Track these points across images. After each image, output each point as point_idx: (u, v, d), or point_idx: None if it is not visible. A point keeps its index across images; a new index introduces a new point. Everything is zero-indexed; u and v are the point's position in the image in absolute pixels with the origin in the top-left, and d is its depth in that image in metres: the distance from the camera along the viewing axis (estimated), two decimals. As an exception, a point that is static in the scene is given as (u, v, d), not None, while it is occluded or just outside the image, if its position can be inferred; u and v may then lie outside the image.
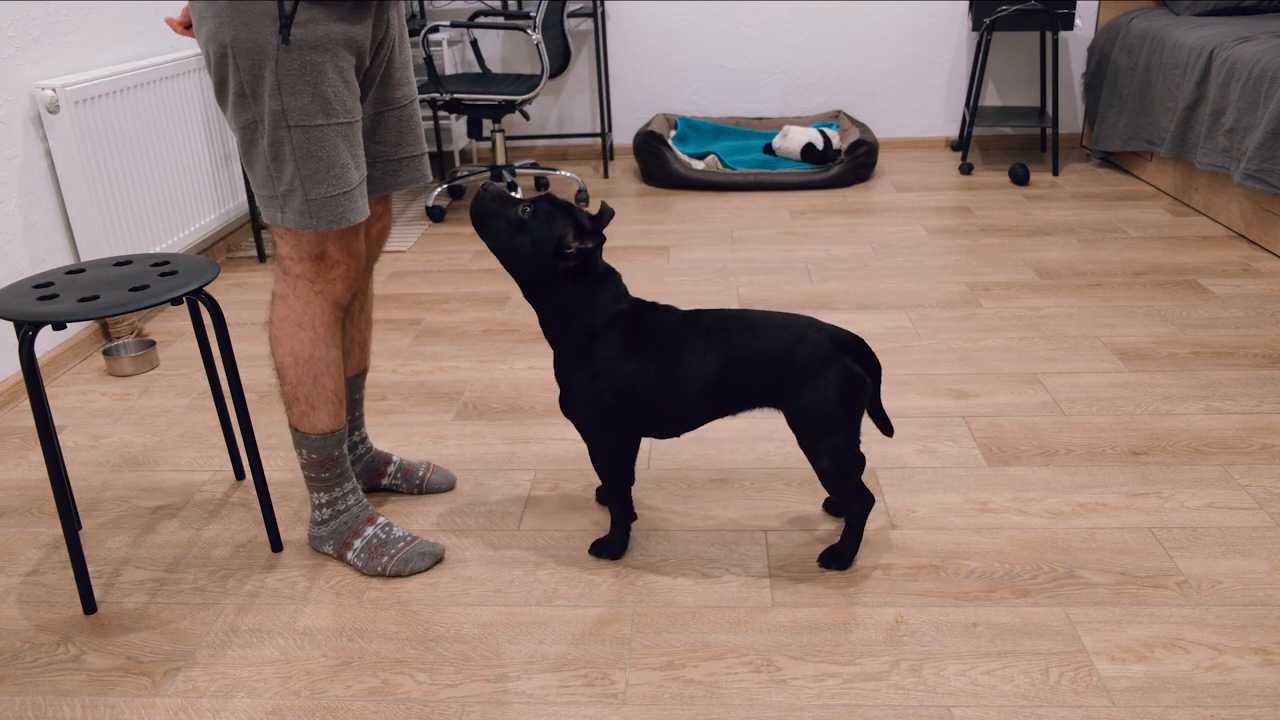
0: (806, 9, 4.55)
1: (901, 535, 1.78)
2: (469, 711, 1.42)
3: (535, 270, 1.60)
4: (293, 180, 1.49)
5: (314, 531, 1.78)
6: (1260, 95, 3.09)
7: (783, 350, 1.57)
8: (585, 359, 1.62)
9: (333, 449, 1.69)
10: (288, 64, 1.42)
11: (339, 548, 1.75)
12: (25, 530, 1.91)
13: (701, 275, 3.14)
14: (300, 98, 1.44)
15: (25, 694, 1.49)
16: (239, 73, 1.44)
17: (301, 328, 1.60)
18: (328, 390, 1.65)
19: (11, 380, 2.45)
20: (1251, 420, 2.12)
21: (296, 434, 1.68)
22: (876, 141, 4.15)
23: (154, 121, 2.95)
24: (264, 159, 1.50)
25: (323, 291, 1.60)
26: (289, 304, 1.60)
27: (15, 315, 1.50)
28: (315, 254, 1.57)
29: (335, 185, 1.51)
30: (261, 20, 1.40)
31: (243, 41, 1.41)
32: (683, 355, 1.60)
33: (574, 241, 1.57)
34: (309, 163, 1.48)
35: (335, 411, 1.67)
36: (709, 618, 1.59)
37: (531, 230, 1.58)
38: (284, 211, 1.53)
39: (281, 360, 1.63)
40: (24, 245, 2.52)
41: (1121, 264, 3.09)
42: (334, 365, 1.64)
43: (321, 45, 1.43)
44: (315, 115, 1.46)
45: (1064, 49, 4.54)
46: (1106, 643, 1.50)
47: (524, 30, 3.65)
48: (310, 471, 1.71)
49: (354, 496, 1.76)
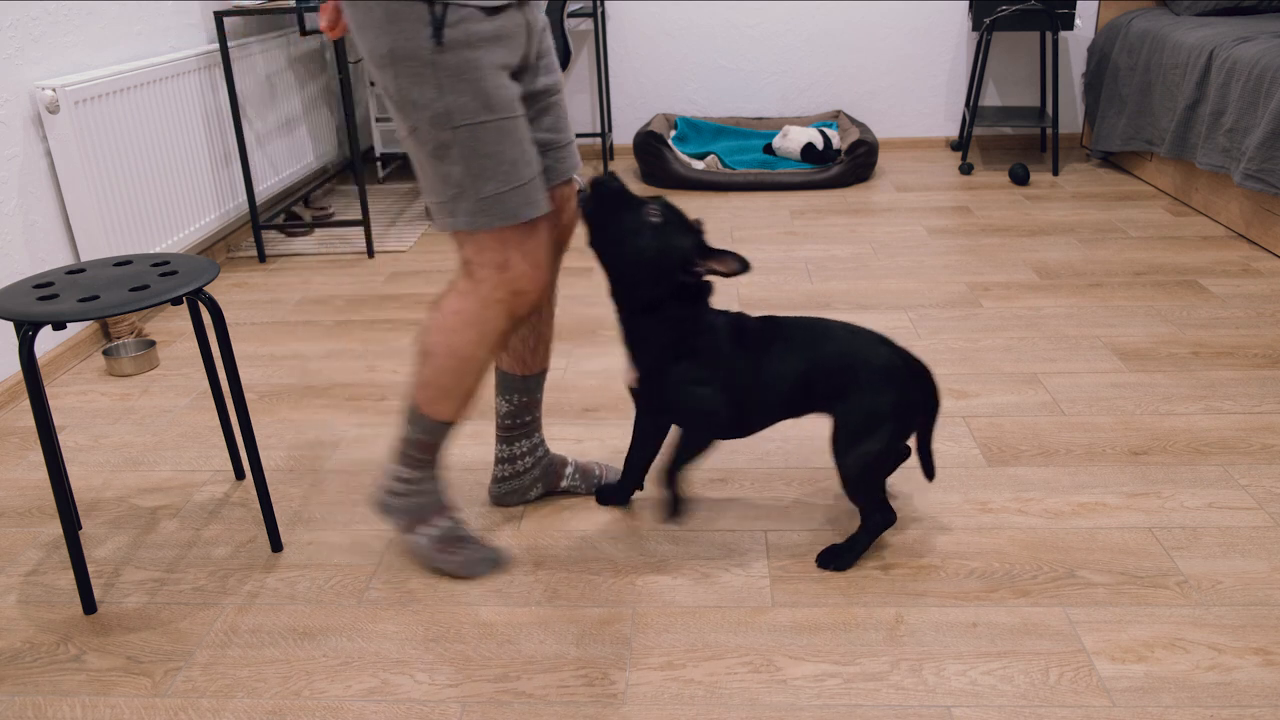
0: (806, 9, 4.55)
1: (901, 535, 1.78)
2: (469, 711, 1.42)
3: (649, 280, 1.56)
4: (462, 180, 1.47)
5: (384, 499, 1.74)
6: (1260, 95, 3.09)
7: (855, 360, 1.61)
8: (688, 362, 1.61)
9: (440, 437, 1.67)
10: (444, 65, 1.41)
11: (409, 524, 1.73)
12: (25, 530, 1.91)
13: (701, 275, 3.14)
14: (461, 97, 1.43)
15: (25, 694, 1.49)
16: (398, 80, 1.43)
17: (471, 327, 1.57)
18: (467, 389, 1.62)
19: (11, 380, 2.45)
20: (1251, 420, 2.12)
21: (414, 413, 1.65)
22: (876, 141, 4.15)
23: (154, 121, 2.95)
24: (430, 164, 1.49)
25: (503, 301, 1.55)
26: (468, 301, 1.57)
27: (15, 315, 1.50)
28: (498, 263, 1.53)
29: (505, 181, 1.48)
30: (415, 26, 1.39)
31: (400, 49, 1.40)
32: (770, 359, 1.62)
33: (703, 262, 1.55)
34: (476, 161, 1.46)
35: (462, 408, 1.64)
36: (709, 618, 1.59)
37: (662, 236, 1.54)
38: (454, 215, 1.50)
39: (435, 346, 1.59)
40: (24, 245, 2.52)
41: (1121, 264, 3.09)
42: (482, 370, 1.61)
43: (475, 43, 1.42)
44: (478, 113, 1.44)
45: (1064, 49, 4.54)
46: (1106, 643, 1.50)
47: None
48: (410, 449, 1.68)
49: (437, 484, 1.73)
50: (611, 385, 2.40)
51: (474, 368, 1.59)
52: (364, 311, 2.95)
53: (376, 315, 2.92)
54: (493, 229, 1.50)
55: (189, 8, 3.32)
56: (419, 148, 1.48)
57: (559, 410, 2.29)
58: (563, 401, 2.33)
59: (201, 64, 3.22)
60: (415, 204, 4.11)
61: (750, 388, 1.62)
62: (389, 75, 1.44)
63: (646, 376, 1.64)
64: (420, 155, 1.49)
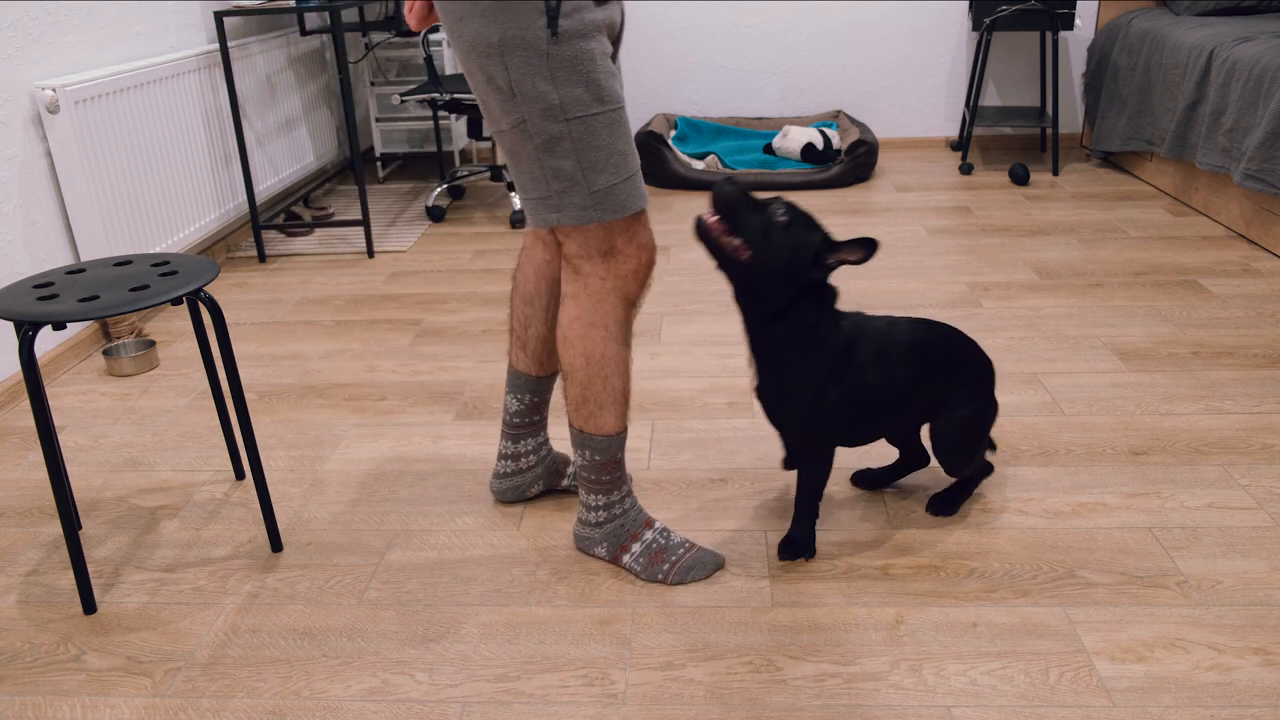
0: (806, 9, 4.55)
1: (901, 535, 1.78)
2: (469, 711, 1.42)
3: (787, 279, 1.55)
4: (573, 174, 1.45)
5: (584, 533, 1.73)
6: (1260, 95, 3.09)
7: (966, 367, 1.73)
8: (819, 365, 1.61)
9: (616, 451, 1.65)
10: (559, 56, 1.39)
11: (613, 550, 1.71)
12: (25, 530, 1.91)
13: (701, 275, 3.14)
14: (575, 88, 1.41)
15: (25, 694, 1.49)
16: (508, 71, 1.40)
17: (594, 327, 1.55)
18: (616, 390, 1.60)
19: (11, 380, 2.45)
20: (1251, 420, 2.12)
21: (580, 435, 1.63)
22: (876, 141, 4.15)
23: (154, 121, 2.95)
24: (536, 158, 1.46)
25: (615, 289, 1.54)
26: (580, 303, 1.55)
27: (15, 315, 1.50)
28: (604, 250, 1.52)
29: (616, 173, 1.47)
30: (529, 15, 1.37)
31: (512, 39, 1.37)
32: (898, 365, 1.66)
33: (833, 253, 1.55)
34: (589, 154, 1.44)
35: (621, 413, 1.63)
36: (709, 618, 1.59)
37: (791, 235, 1.53)
38: (560, 210, 1.48)
39: (573, 361, 1.58)
40: (24, 245, 2.52)
41: (1121, 264, 3.09)
42: (624, 365, 1.60)
43: (587, 33, 1.40)
44: (590, 105, 1.42)
45: (1064, 49, 4.54)
46: (1106, 643, 1.50)
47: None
48: (590, 473, 1.66)
49: (630, 500, 1.72)
50: (611, 385, 2.40)
51: (613, 366, 1.58)
52: (364, 311, 2.95)
53: (376, 315, 2.92)
54: (604, 222, 1.48)
55: (189, 8, 3.32)
56: (525, 142, 1.45)
57: (559, 410, 2.29)
58: (563, 401, 2.32)
59: (201, 64, 3.22)
60: (415, 204, 4.11)
61: (873, 394, 1.65)
62: (497, 66, 1.40)
63: (775, 382, 1.64)
64: (526, 149, 1.46)
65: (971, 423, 1.73)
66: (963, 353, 1.73)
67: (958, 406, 1.72)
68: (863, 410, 1.66)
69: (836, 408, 1.62)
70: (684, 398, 2.32)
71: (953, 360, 1.71)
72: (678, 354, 2.56)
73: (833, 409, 1.62)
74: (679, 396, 2.33)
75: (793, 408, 1.63)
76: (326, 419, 2.30)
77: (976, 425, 1.74)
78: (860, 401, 1.64)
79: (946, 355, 1.71)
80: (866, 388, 1.64)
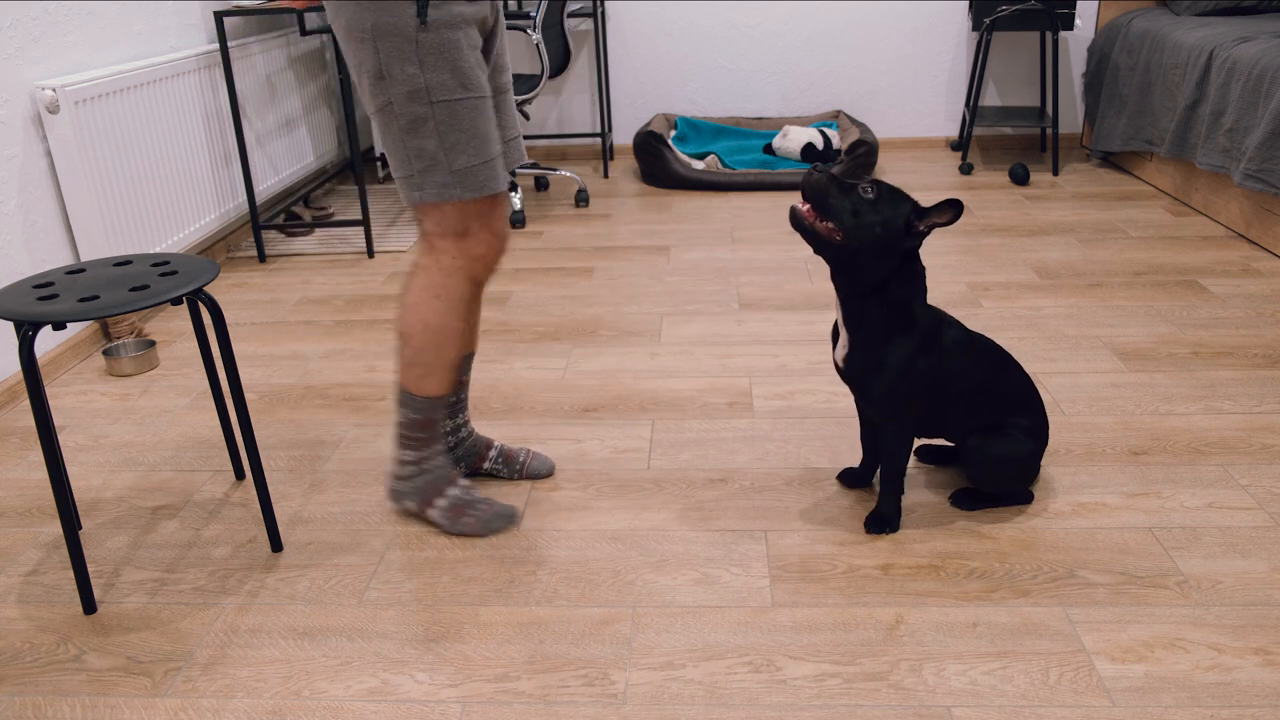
0: (806, 9, 4.55)
1: (901, 535, 1.78)
2: (469, 711, 1.42)
3: (883, 252, 1.61)
4: (435, 154, 1.57)
5: (396, 485, 1.86)
6: (1260, 95, 3.09)
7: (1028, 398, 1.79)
8: (910, 338, 1.68)
9: (435, 412, 1.78)
10: (427, 43, 1.51)
11: (421, 504, 1.84)
12: (25, 530, 1.91)
13: (701, 275, 3.14)
14: (440, 74, 1.53)
15: (25, 694, 1.49)
16: (378, 55, 1.51)
17: (437, 299, 1.67)
18: (447, 359, 1.73)
19: (11, 380, 2.45)
20: (1251, 420, 2.12)
21: (405, 394, 1.76)
22: (876, 141, 4.15)
23: (154, 121, 2.95)
24: (401, 139, 1.57)
25: (464, 268, 1.67)
26: (430, 275, 1.67)
27: (15, 315, 1.50)
28: (459, 231, 1.63)
29: (476, 155, 1.58)
30: (400, 4, 1.48)
31: (384, 25, 1.49)
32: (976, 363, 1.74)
33: (923, 220, 1.61)
34: (451, 135, 1.56)
35: (448, 379, 1.75)
36: (709, 618, 1.59)
37: (880, 210, 1.60)
38: (423, 188, 1.59)
39: (411, 326, 1.70)
40: (24, 245, 2.52)
41: (1121, 264, 3.09)
42: (458, 337, 1.72)
43: (455, 24, 1.52)
44: (455, 90, 1.54)
45: (1064, 49, 4.54)
46: (1106, 643, 1.50)
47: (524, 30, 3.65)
48: (407, 430, 1.79)
49: (442, 458, 1.84)
50: (611, 385, 2.40)
51: (450, 338, 1.70)
52: (364, 311, 2.95)
53: (376, 315, 2.92)
54: (458, 201, 1.59)
55: (189, 8, 3.32)
56: (392, 122, 1.56)
57: (558, 410, 2.29)
58: (563, 401, 2.33)
59: (201, 64, 3.22)
60: (415, 204, 4.11)
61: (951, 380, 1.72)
62: (368, 50, 1.51)
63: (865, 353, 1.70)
64: (393, 129, 1.57)
65: (1032, 457, 1.79)
66: (1028, 385, 1.80)
67: (1018, 434, 1.77)
68: (938, 395, 1.72)
69: (921, 380, 1.69)
70: (684, 398, 2.32)
71: (1018, 386, 1.79)
72: (678, 354, 2.56)
73: (918, 381, 1.69)
74: (679, 396, 2.33)
75: (882, 377, 1.69)
76: (326, 419, 2.30)
77: (1033, 459, 1.80)
78: (939, 385, 1.72)
79: (1019, 379, 1.79)
80: (948, 372, 1.71)
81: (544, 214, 3.94)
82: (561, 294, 3.03)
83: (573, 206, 4.02)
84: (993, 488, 1.82)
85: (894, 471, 1.77)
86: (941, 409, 1.75)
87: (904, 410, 1.72)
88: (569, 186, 4.35)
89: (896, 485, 1.79)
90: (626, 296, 2.98)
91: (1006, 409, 1.78)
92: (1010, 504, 1.85)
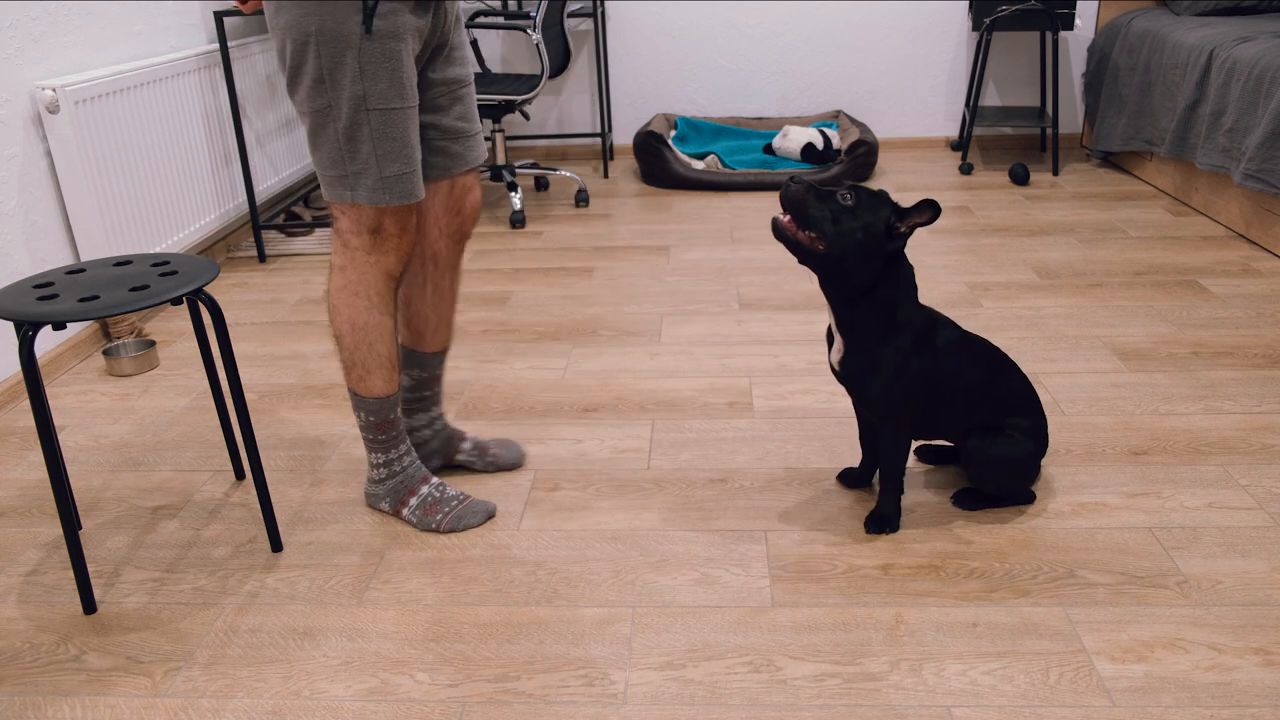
0: (806, 9, 4.55)
1: (901, 535, 1.78)
2: (469, 711, 1.42)
3: (865, 257, 1.62)
4: (368, 159, 1.59)
5: (370, 490, 1.90)
6: (1260, 95, 3.09)
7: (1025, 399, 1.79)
8: (903, 339, 1.68)
9: (388, 412, 1.80)
10: (370, 52, 1.52)
11: (395, 504, 1.87)
12: (25, 530, 1.91)
13: (701, 275, 3.14)
14: (379, 83, 1.54)
15: (25, 694, 1.49)
16: (319, 59, 1.52)
17: (358, 296, 1.69)
18: (382, 356, 1.74)
19: (11, 380, 2.45)
20: (1251, 420, 2.12)
21: (355, 397, 1.78)
22: (876, 141, 4.15)
23: (154, 121, 2.95)
24: (337, 141, 1.59)
25: (378, 263, 1.68)
26: (347, 275, 1.69)
27: (15, 315, 1.50)
28: (372, 228, 1.65)
29: (406, 164, 1.61)
30: (346, 11, 1.49)
31: (327, 31, 1.49)
32: (971, 363, 1.75)
33: (903, 222, 1.62)
34: (385, 143, 1.58)
35: (389, 376, 1.77)
36: (709, 618, 1.59)
37: (860, 215, 1.61)
38: (355, 189, 1.61)
39: (340, 327, 1.72)
40: (24, 245, 2.52)
41: (1121, 264, 3.09)
42: (387, 332, 1.73)
43: (399, 35, 1.53)
44: (393, 99, 1.56)
45: (1064, 49, 4.54)
46: (1106, 643, 1.50)
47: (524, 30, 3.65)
48: (368, 433, 1.82)
49: (409, 458, 1.87)
50: (611, 385, 2.40)
51: (377, 333, 1.72)
52: (364, 311, 2.95)
53: (376, 315, 2.92)
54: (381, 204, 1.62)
55: (189, 8, 3.32)
56: (328, 125, 1.58)
57: (558, 410, 2.29)
58: (562, 401, 2.33)
59: (201, 64, 3.22)
60: (415, 204, 4.11)
61: (946, 379, 1.73)
62: (309, 53, 1.52)
63: (860, 355, 1.71)
64: (329, 130, 1.58)
65: (1031, 458, 1.79)
66: (1026, 386, 1.80)
67: (1016, 435, 1.77)
68: (934, 394, 1.73)
69: (917, 380, 1.70)
70: (684, 398, 2.32)
71: (1015, 387, 1.79)
72: (678, 354, 2.56)
73: (913, 381, 1.70)
74: (679, 396, 2.33)
75: (878, 378, 1.70)
76: (326, 419, 2.30)
77: (1033, 460, 1.80)
78: (934, 384, 1.72)
79: (1015, 379, 1.79)
80: (942, 371, 1.72)
81: (544, 214, 3.94)
82: (561, 294, 3.03)
83: (573, 206, 4.02)
84: (993, 489, 1.82)
85: (893, 471, 1.78)
86: (937, 408, 1.75)
87: (901, 410, 1.72)
88: (569, 186, 4.35)
89: (896, 485, 1.79)
90: (626, 296, 2.98)
91: (1004, 409, 1.78)
92: (1011, 504, 1.85)
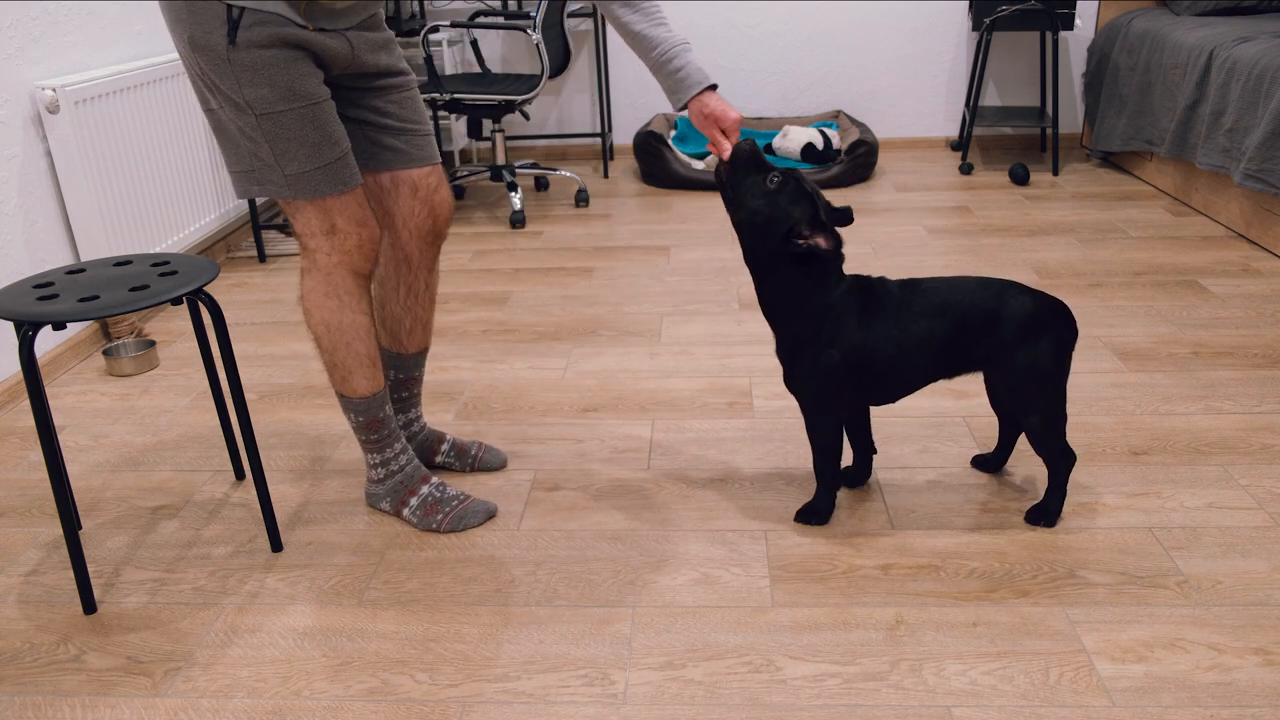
0: (806, 9, 4.55)
1: (901, 535, 1.78)
2: (469, 711, 1.42)
3: (760, 244, 1.62)
4: (268, 158, 1.57)
5: (371, 490, 1.90)
6: (1260, 95, 3.09)
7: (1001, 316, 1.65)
8: (815, 333, 1.66)
9: (376, 411, 1.79)
10: (239, 62, 1.49)
11: (395, 504, 1.87)
12: (25, 530, 1.91)
13: (701, 275, 3.14)
14: (259, 89, 1.51)
15: (25, 694, 1.49)
16: (199, 64, 1.51)
17: (329, 297, 1.68)
18: (361, 355, 1.73)
19: (11, 380, 2.45)
20: (1251, 420, 2.12)
21: (342, 399, 1.78)
22: (876, 141, 4.15)
23: (154, 121, 2.95)
24: (234, 140, 1.58)
25: (341, 263, 1.67)
26: (313, 276, 1.68)
27: (15, 315, 1.50)
28: (326, 229, 1.64)
29: (309, 162, 1.57)
30: (212, 22, 1.46)
31: (198, 40, 1.48)
32: (911, 321, 1.66)
33: (807, 234, 1.60)
34: (280, 144, 1.56)
35: (372, 375, 1.76)
36: (709, 618, 1.59)
37: (773, 203, 1.61)
38: (262, 185, 1.60)
39: (316, 330, 1.72)
40: (24, 245, 2.52)
41: (1121, 264, 3.09)
42: (364, 330, 1.72)
43: (269, 45, 1.49)
44: (276, 103, 1.52)
45: (1064, 49, 4.54)
46: (1106, 643, 1.50)
47: (524, 30, 3.65)
48: (360, 434, 1.82)
49: (406, 456, 1.87)
50: (611, 385, 2.40)
51: (353, 333, 1.71)
52: (364, 311, 2.95)
53: (376, 315, 2.92)
54: (311, 200, 1.60)
55: (189, 8, 3.32)
56: (225, 124, 1.58)
57: (558, 410, 2.29)
58: (562, 401, 2.33)
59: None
60: (415, 204, 4.11)
61: (888, 353, 1.67)
62: (192, 60, 1.52)
63: (781, 341, 1.71)
64: (227, 130, 1.58)
65: (1037, 384, 1.66)
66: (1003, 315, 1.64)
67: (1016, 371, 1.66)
68: (874, 368, 1.68)
69: (836, 374, 1.67)
70: (684, 398, 2.32)
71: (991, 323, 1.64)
72: (678, 354, 2.56)
73: (831, 376, 1.67)
74: (679, 396, 2.33)
75: (794, 370, 1.70)
76: (326, 419, 2.30)
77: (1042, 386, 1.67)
78: (863, 364, 1.67)
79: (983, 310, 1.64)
80: (872, 347, 1.66)
81: (544, 214, 3.94)
82: (561, 294, 3.03)
83: (573, 206, 4.02)
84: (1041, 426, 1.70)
85: (819, 465, 1.77)
86: (897, 373, 1.67)
87: (820, 405, 1.71)
88: (569, 186, 4.35)
89: (824, 478, 1.78)
90: (626, 296, 2.98)
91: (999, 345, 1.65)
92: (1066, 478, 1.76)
